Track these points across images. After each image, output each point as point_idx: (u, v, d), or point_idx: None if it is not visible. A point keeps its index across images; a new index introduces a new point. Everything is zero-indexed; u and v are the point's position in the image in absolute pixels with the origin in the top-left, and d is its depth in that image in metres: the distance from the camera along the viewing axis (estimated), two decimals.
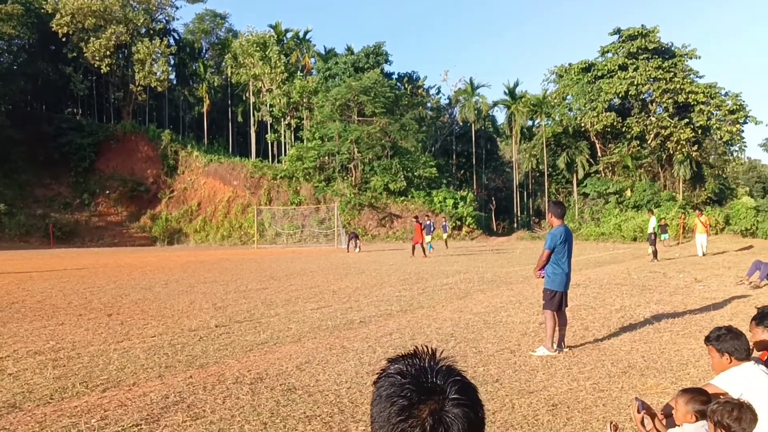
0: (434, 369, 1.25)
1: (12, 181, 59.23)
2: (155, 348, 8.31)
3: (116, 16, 64.84)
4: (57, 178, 62.03)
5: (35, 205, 58.23)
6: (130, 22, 65.83)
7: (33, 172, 61.05)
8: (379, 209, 54.53)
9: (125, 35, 65.23)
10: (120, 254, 37.64)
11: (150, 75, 65.35)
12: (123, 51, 68.10)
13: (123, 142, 64.43)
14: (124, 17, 65.35)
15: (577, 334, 9.03)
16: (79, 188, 61.80)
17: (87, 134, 63.53)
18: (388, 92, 59.05)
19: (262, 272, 21.24)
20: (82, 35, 64.19)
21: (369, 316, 10.97)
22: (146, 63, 65.08)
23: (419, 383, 1.21)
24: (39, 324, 10.44)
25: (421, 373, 1.24)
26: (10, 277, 20.06)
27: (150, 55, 65.09)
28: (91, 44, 63.45)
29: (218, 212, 57.81)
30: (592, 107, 57.00)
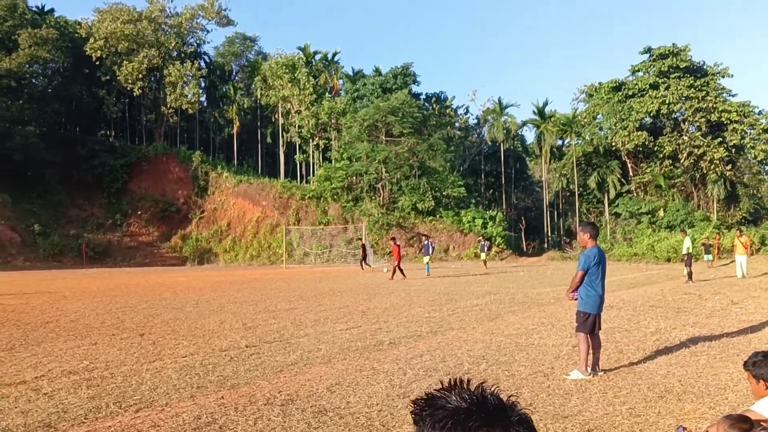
0: (488, 397, 1.22)
1: (46, 202, 60.48)
2: (187, 368, 8.33)
3: (149, 40, 66.26)
4: (90, 199, 63.18)
5: (69, 225, 59.30)
6: (162, 46, 67.20)
7: (67, 193, 62.30)
8: (407, 229, 54.46)
9: (157, 58, 66.56)
10: (151, 274, 38.04)
11: (181, 97, 66.48)
12: (155, 74, 69.46)
13: (154, 164, 65.47)
14: (156, 41, 66.75)
15: (611, 357, 8.85)
16: (112, 209, 62.83)
17: (119, 156, 64.69)
18: (416, 112, 59.23)
19: (291, 292, 21.27)
20: (115, 59, 65.65)
21: (399, 337, 10.88)
22: (177, 86, 66.24)
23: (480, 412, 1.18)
24: (73, 343, 10.55)
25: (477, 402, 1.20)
26: (45, 297, 20.37)
27: (181, 78, 66.27)
28: (124, 67, 64.81)
29: (247, 232, 58.25)
30: (623, 126, 56.51)
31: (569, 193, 65.34)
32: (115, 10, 66.23)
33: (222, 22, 72.30)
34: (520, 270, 36.23)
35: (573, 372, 7.68)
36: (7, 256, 51.80)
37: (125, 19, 64.98)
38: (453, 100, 78.34)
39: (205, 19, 71.53)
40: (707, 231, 44.00)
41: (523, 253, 60.37)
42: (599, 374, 7.71)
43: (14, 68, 59.57)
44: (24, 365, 8.65)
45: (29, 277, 34.23)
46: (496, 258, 51.61)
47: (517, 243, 62.73)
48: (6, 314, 15.23)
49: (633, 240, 50.95)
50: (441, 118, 68.66)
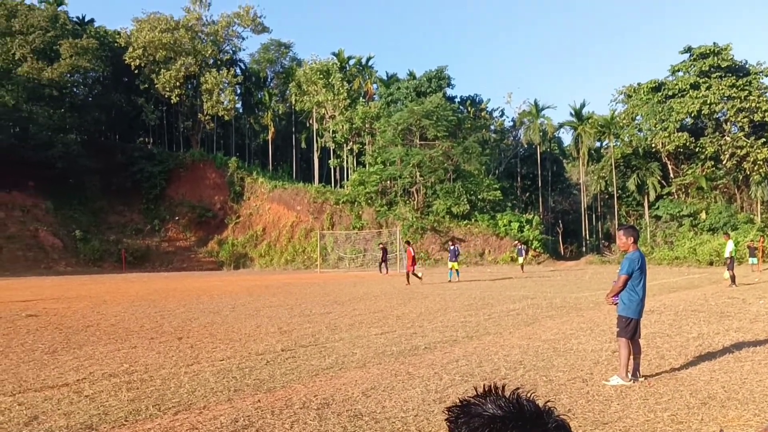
0: (524, 404, 1.19)
1: (87, 208, 61.89)
2: (224, 371, 8.40)
3: (185, 48, 67.34)
4: (129, 205, 64.44)
5: (108, 231, 60.54)
6: (198, 54, 68.23)
7: (107, 199, 63.65)
8: (441, 233, 54.24)
9: (194, 66, 67.60)
10: (188, 278, 38.55)
11: (217, 104, 67.38)
12: (192, 81, 70.54)
13: (192, 170, 66.45)
14: (193, 49, 67.79)
15: (652, 363, 8.66)
16: (150, 215, 63.96)
17: (158, 162, 65.83)
18: (451, 116, 59.05)
19: (326, 296, 21.33)
20: (153, 67, 66.85)
21: (434, 342, 10.81)
22: (214, 93, 67.16)
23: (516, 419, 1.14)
24: (113, 347, 10.73)
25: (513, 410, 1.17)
26: (86, 301, 20.78)
27: (217, 85, 67.20)
28: (162, 76, 65.95)
29: (282, 237, 58.70)
30: (663, 127, 55.49)
31: (608, 196, 64.37)
32: (153, 20, 67.48)
33: (257, 30, 73.15)
34: (557, 274, 35.80)
35: (613, 378, 7.53)
36: (50, 261, 53.09)
37: (163, 28, 66.16)
38: (488, 103, 78.01)
39: (241, 26, 72.48)
40: (751, 234, 42.93)
41: (560, 256, 59.67)
42: (640, 380, 7.55)
43: (56, 78, 61.11)
44: (66, 368, 8.82)
45: (71, 282, 35.00)
46: (532, 262, 51.11)
47: (555, 247, 62.00)
48: (48, 318, 15.57)
49: (674, 243, 49.96)
50: (476, 121, 68.32)
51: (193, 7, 71.10)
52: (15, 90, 59.49)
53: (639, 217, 61.07)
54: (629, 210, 63.16)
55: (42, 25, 62.91)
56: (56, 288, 28.87)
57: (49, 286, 30.96)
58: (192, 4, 71.23)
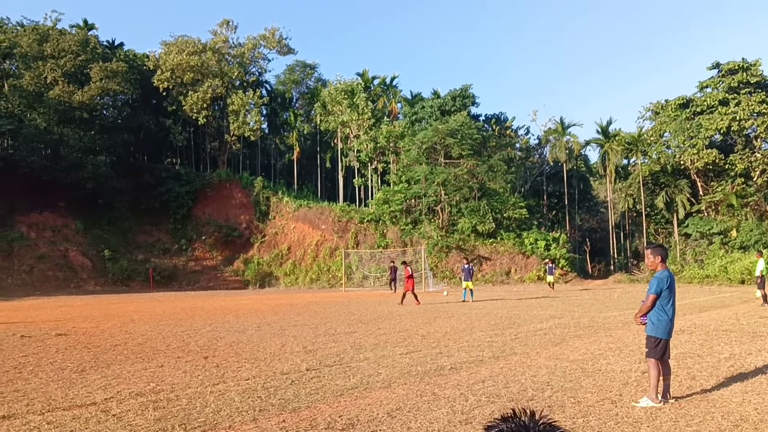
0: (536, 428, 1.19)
1: (116, 228, 62.82)
2: (249, 391, 8.41)
3: (212, 70, 68.41)
4: (157, 225, 65.26)
5: (137, 250, 61.32)
6: (225, 76, 69.25)
7: (135, 219, 64.54)
8: (467, 251, 53.98)
9: (221, 88, 68.58)
10: (215, 297, 38.80)
11: (244, 125, 68.20)
12: (218, 103, 71.55)
13: (218, 190, 67.19)
14: (219, 71, 68.84)
15: (683, 384, 8.49)
16: (178, 234, 64.68)
17: (185, 183, 66.67)
18: (475, 134, 59.05)
19: (350, 315, 21.31)
20: (181, 89, 67.97)
21: (460, 362, 10.72)
22: (240, 114, 68.02)
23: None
24: (140, 366, 10.81)
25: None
26: (114, 320, 21.00)
27: (244, 107, 68.06)
28: (190, 98, 66.98)
29: (307, 256, 58.87)
30: (692, 144, 54.86)
31: (636, 214, 63.63)
32: (180, 43, 68.74)
33: (283, 51, 74.11)
34: (585, 293, 35.36)
35: (643, 399, 7.40)
36: (79, 281, 53.88)
37: (190, 51, 67.35)
38: (513, 121, 77.92)
39: (267, 48, 73.49)
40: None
41: (588, 275, 59.00)
42: (670, 402, 7.41)
43: (86, 101, 62.38)
44: (94, 387, 8.90)
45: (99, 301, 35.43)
46: (560, 281, 50.62)
47: (582, 265, 61.35)
48: (77, 337, 15.75)
49: (704, 261, 49.14)
50: (501, 139, 68.21)
51: (220, 30, 72.33)
52: (46, 113, 60.88)
53: (668, 235, 60.22)
54: (658, 228, 62.31)
55: (73, 49, 64.36)
56: (85, 307, 29.24)
57: (78, 305, 31.37)
58: (219, 27, 72.52)
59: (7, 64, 67.05)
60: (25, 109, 61.25)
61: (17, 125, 58.77)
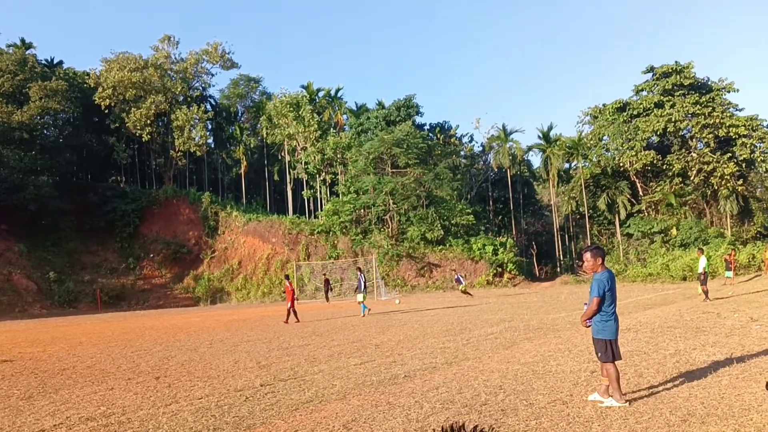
0: None
1: (60, 249, 60.99)
2: (203, 410, 8.29)
3: (155, 86, 67.34)
4: (103, 244, 63.64)
5: (83, 271, 59.67)
6: (168, 91, 68.24)
7: (80, 239, 62.81)
8: (417, 259, 54.36)
9: (164, 104, 67.56)
10: (165, 316, 38.03)
11: (189, 140, 67.29)
12: (162, 119, 70.45)
13: (165, 207, 66.01)
14: (162, 87, 67.80)
15: (631, 381, 8.72)
16: (125, 253, 63.22)
17: (131, 201, 65.32)
18: (421, 143, 59.64)
19: (304, 328, 21.20)
20: (123, 106, 66.68)
21: (414, 369, 10.79)
22: (185, 129, 67.11)
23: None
24: (90, 389, 10.54)
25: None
26: (61, 344, 20.38)
27: (188, 122, 67.17)
28: (132, 114, 65.76)
29: (258, 270, 58.30)
30: (630, 146, 56.53)
31: (579, 216, 65.13)
32: (122, 59, 67.48)
33: (226, 66, 73.49)
34: (533, 296, 35.90)
35: (608, 400, 7.47)
36: (24, 304, 52.05)
37: (132, 68, 66.16)
38: (457, 129, 78.93)
39: (210, 63, 72.79)
40: (722, 248, 43.65)
41: (535, 278, 60.02)
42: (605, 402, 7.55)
43: (26, 120, 60.55)
44: (42, 413, 8.65)
45: (45, 325, 34.27)
46: (508, 285, 51.33)
47: (530, 268, 62.38)
48: (24, 362, 15.25)
49: (647, 260, 50.57)
50: (446, 148, 69.06)
51: (162, 46, 71.32)
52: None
53: (611, 236, 61.81)
54: (601, 229, 63.89)
55: (10, 69, 62.54)
56: (31, 331, 28.26)
57: (23, 329, 30.29)
58: (160, 42, 71.51)
59: None
60: None
61: None
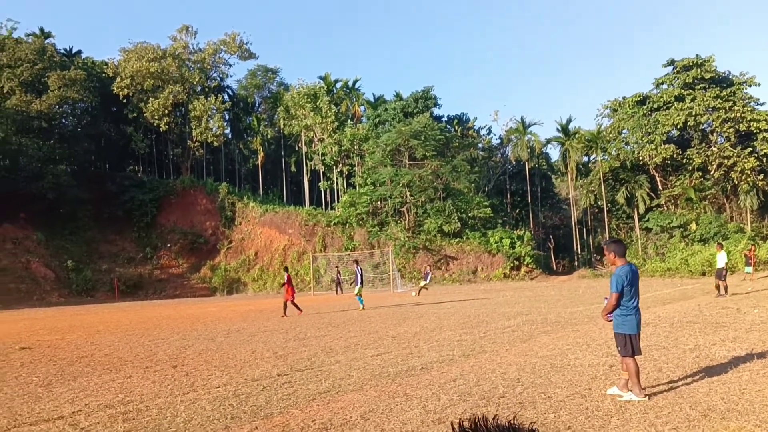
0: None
1: (79, 238, 61.53)
2: (220, 399, 8.32)
3: (173, 76, 67.53)
4: (121, 234, 64.10)
5: (100, 260, 60.17)
6: (186, 82, 68.43)
7: (98, 228, 63.30)
8: (434, 252, 54.25)
9: (182, 94, 67.75)
10: (182, 305, 38.29)
11: (206, 131, 67.49)
12: (180, 109, 70.65)
13: (182, 197, 66.31)
14: (180, 77, 68.00)
15: (650, 376, 8.64)
16: (142, 243, 63.64)
17: (148, 190, 65.68)
18: (438, 135, 59.39)
19: (320, 319, 21.24)
20: (141, 96, 66.96)
21: (430, 361, 10.76)
22: (202, 120, 67.30)
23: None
24: (108, 377, 10.62)
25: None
26: (79, 332, 20.58)
27: (206, 112, 67.34)
28: (150, 104, 66.04)
29: (275, 261, 58.47)
30: (650, 140, 55.95)
31: (598, 210, 64.66)
32: (140, 49, 67.74)
33: (244, 56, 73.54)
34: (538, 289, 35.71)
35: (627, 394, 7.41)
36: (42, 293, 52.64)
37: (150, 58, 66.40)
38: (475, 122, 78.51)
39: (228, 53, 72.88)
40: (742, 242, 43.15)
41: (553, 272, 59.72)
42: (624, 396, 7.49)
43: (45, 110, 61.03)
44: (61, 400, 8.72)
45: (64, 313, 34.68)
46: (525, 278, 51.13)
47: (547, 262, 62.07)
48: (42, 350, 15.41)
49: (666, 255, 50.15)
50: (463, 140, 68.74)
51: (180, 36, 71.49)
52: (4, 123, 59.26)
53: (630, 230, 61.33)
54: (619, 223, 63.41)
55: (30, 58, 62.97)
56: (49, 319, 28.60)
57: (42, 317, 30.66)
58: (178, 33, 71.68)
59: None
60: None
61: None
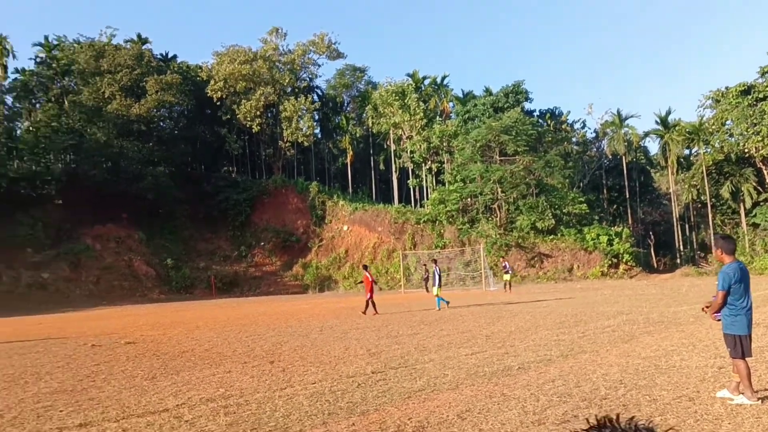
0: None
1: (177, 237, 64.37)
2: (317, 395, 8.42)
3: (264, 78, 69.39)
4: (216, 233, 66.58)
5: (198, 258, 62.70)
6: (277, 83, 70.18)
7: (195, 228, 66.01)
8: (527, 249, 53.27)
9: (273, 95, 69.52)
10: (275, 302, 39.28)
11: (297, 131, 69.00)
12: (271, 110, 72.56)
13: (274, 196, 68.13)
14: (271, 78, 69.79)
15: (763, 378, 8.11)
16: (237, 241, 65.83)
17: (242, 190, 67.87)
18: (530, 130, 58.32)
19: (412, 317, 21.22)
20: (234, 98, 69.19)
21: (527, 361, 10.51)
22: (293, 120, 68.84)
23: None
24: (208, 372, 10.97)
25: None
26: (180, 327, 21.46)
27: (296, 113, 68.86)
28: (243, 106, 68.12)
29: (365, 258, 58.94)
30: (756, 131, 52.75)
31: (701, 205, 61.61)
32: (232, 52, 70.03)
33: (332, 56, 74.73)
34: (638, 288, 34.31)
35: (738, 397, 7.01)
36: (144, 290, 55.42)
37: (242, 60, 68.53)
38: (568, 115, 76.81)
39: (316, 53, 74.27)
40: None
41: (653, 269, 57.45)
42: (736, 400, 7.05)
43: (143, 113, 64.16)
44: (165, 393, 9.07)
45: (164, 309, 36.31)
46: (624, 276, 49.37)
47: (647, 259, 59.77)
48: (146, 345, 16.15)
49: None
50: (557, 134, 67.21)
51: (270, 38, 73.43)
52: (105, 127, 62.71)
53: (735, 226, 58.10)
54: (724, 219, 60.17)
55: (128, 64, 66.27)
56: (151, 315, 29.99)
57: (144, 313, 32.20)
58: (268, 35, 73.66)
59: (67, 81, 69.48)
60: (85, 124, 63.21)
61: (78, 140, 60.77)
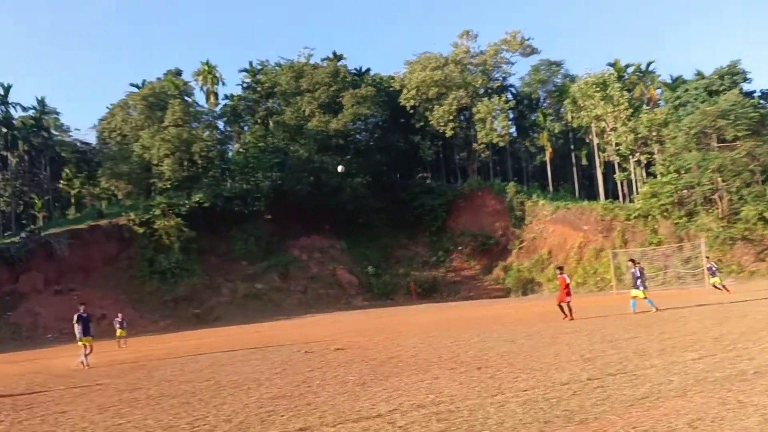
0: None
1: (376, 245, 66.99)
2: (530, 402, 8.06)
3: (456, 82, 69.88)
4: (413, 239, 68.19)
5: (397, 265, 64.66)
6: (469, 86, 70.35)
7: (392, 235, 68.23)
8: (755, 242, 48.05)
9: (465, 98, 69.74)
10: (477, 307, 39.16)
11: (491, 132, 68.59)
12: (464, 113, 72.84)
13: (470, 199, 68.24)
14: (463, 82, 70.12)
15: None
16: (434, 246, 66.86)
17: (437, 196, 68.89)
18: (751, 112, 53.08)
19: (627, 319, 19.90)
20: (426, 105, 70.51)
21: (765, 365, 9.34)
22: (487, 121, 68.53)
23: None
24: (416, 378, 11.01)
25: None
26: (384, 333, 22.09)
27: (490, 113, 68.48)
28: (435, 112, 69.15)
29: (570, 259, 56.78)
30: None
31: None
32: (423, 60, 71.47)
33: (526, 53, 73.43)
34: None
35: None
36: (348, 297, 58.37)
37: (433, 66, 69.67)
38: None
39: (509, 52, 73.38)
40: None
41: None
42: None
43: (341, 128, 67.75)
44: (377, 399, 9.21)
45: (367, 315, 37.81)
46: None
47: None
48: (354, 351, 16.77)
49: None
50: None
51: (461, 42, 73.94)
52: (307, 143, 67.05)
53: None
54: None
55: (325, 81, 70.28)
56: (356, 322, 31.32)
57: (349, 320, 33.73)
58: (459, 38, 74.32)
59: (270, 103, 75.36)
60: (288, 142, 68.12)
61: (283, 158, 65.68)
